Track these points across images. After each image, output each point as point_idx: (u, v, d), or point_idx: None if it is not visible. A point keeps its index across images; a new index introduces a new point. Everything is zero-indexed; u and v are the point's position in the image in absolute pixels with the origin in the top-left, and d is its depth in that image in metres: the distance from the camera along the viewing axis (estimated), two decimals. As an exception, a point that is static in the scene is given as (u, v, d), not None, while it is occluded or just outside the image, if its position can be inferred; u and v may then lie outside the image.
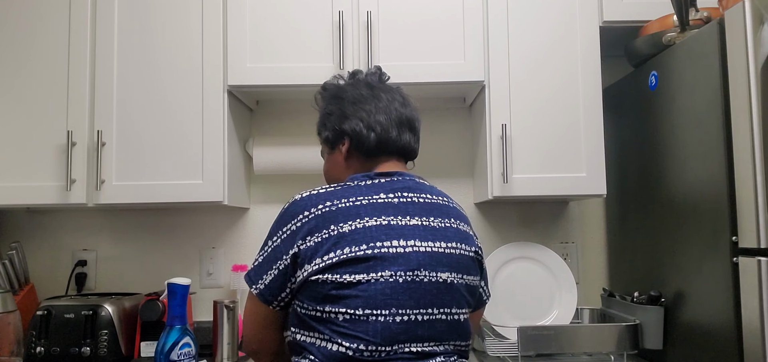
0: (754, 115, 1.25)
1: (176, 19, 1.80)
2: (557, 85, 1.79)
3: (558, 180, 1.77)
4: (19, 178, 1.77)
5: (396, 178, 1.17)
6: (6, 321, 1.55)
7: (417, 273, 1.05)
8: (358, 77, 1.28)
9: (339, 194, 1.11)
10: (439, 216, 1.13)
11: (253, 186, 2.12)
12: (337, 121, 1.22)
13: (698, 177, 1.45)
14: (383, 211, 1.09)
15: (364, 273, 1.03)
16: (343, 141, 1.22)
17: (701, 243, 1.44)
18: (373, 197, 1.11)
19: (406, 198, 1.13)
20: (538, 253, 1.92)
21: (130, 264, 2.09)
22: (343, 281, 1.03)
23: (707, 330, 1.42)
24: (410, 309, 1.04)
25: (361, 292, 1.03)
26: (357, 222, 1.06)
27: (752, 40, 1.26)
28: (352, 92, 1.23)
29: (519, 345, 1.64)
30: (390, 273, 1.04)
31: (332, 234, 1.05)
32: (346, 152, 1.22)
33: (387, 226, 1.07)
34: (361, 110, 1.20)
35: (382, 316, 1.03)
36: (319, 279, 1.04)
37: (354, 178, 1.16)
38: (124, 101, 1.78)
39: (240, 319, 1.92)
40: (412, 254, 1.06)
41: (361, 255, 1.04)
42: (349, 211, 1.08)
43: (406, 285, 1.04)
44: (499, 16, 1.81)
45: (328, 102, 1.26)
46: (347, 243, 1.04)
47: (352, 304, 1.03)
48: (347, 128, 1.21)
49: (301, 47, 1.79)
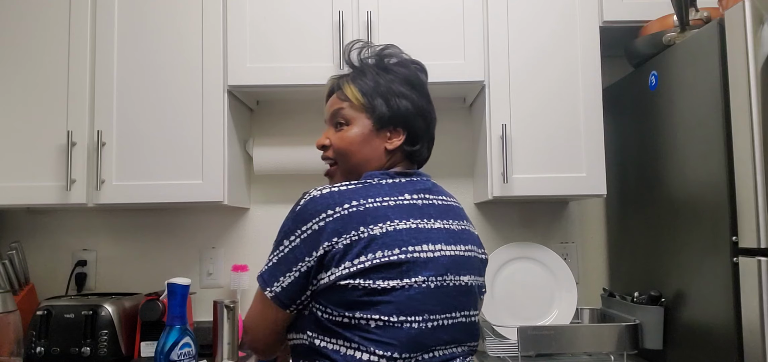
0: (754, 115, 1.25)
1: (176, 19, 1.80)
2: (557, 85, 1.79)
3: (558, 180, 1.77)
4: (19, 177, 1.77)
5: (415, 178, 1.11)
6: (6, 321, 1.55)
7: (445, 277, 1.03)
8: (421, 69, 1.19)
9: (362, 192, 1.03)
10: (455, 219, 1.11)
11: (253, 187, 2.12)
12: (405, 109, 1.11)
13: (698, 177, 1.45)
14: (410, 214, 1.04)
15: (397, 279, 0.98)
16: (398, 131, 1.12)
17: (701, 243, 1.44)
18: (398, 198, 1.05)
19: (428, 201, 1.09)
20: (538, 253, 1.92)
21: (130, 264, 2.09)
22: (377, 287, 0.97)
23: (707, 330, 1.42)
24: (438, 314, 1.02)
25: (394, 298, 0.98)
26: (387, 225, 1.00)
27: (752, 40, 1.26)
28: (425, 91, 1.16)
29: (519, 345, 1.64)
30: (422, 279, 1.00)
31: (362, 237, 0.98)
32: (394, 144, 1.11)
33: (416, 230, 1.03)
34: (428, 113, 1.15)
35: (415, 323, 0.99)
36: (349, 284, 0.97)
37: (373, 176, 1.08)
38: (124, 101, 1.78)
39: (240, 319, 1.92)
40: (440, 258, 1.03)
41: (394, 260, 0.98)
42: (377, 212, 1.01)
43: (437, 290, 1.02)
44: (499, 16, 1.81)
45: (402, 82, 1.13)
46: (379, 247, 0.98)
47: (386, 311, 0.98)
48: (414, 123, 1.12)
49: (301, 47, 1.79)
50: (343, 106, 1.14)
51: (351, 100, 1.13)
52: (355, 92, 1.13)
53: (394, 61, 1.16)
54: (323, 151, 1.17)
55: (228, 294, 2.07)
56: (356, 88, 1.13)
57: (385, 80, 1.12)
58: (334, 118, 1.15)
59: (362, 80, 1.13)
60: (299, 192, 2.11)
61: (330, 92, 1.20)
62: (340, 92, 1.15)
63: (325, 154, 1.17)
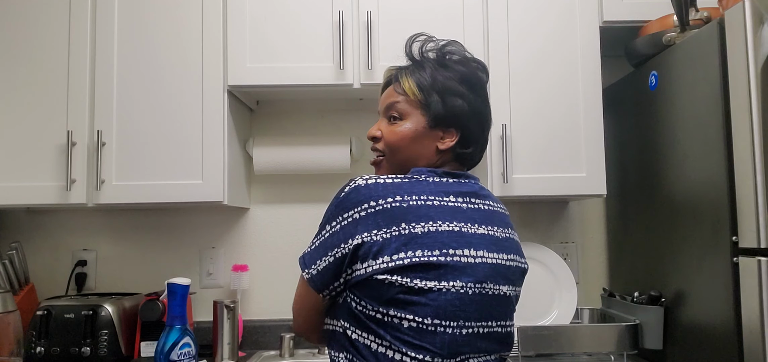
0: (754, 115, 1.25)
1: (176, 19, 1.80)
2: (557, 85, 1.79)
3: (558, 180, 1.77)
4: (19, 178, 1.77)
5: (463, 180, 1.09)
6: (6, 321, 1.55)
7: (484, 285, 1.00)
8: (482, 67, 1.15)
9: (407, 188, 1.01)
10: (500, 226, 1.08)
11: (253, 187, 2.12)
12: (460, 109, 1.08)
13: (698, 177, 1.45)
14: (454, 216, 1.01)
15: (435, 280, 0.96)
16: (451, 131, 1.09)
17: (701, 243, 1.44)
18: (443, 199, 1.02)
19: (473, 205, 1.06)
20: (538, 253, 1.92)
21: (130, 264, 2.09)
22: (414, 286, 0.96)
23: (707, 330, 1.42)
24: (475, 322, 1.00)
25: (431, 301, 0.96)
26: (430, 225, 0.98)
27: (752, 40, 1.26)
28: (481, 93, 1.12)
29: (519, 345, 1.64)
30: (461, 284, 0.98)
31: (403, 233, 0.96)
32: (446, 144, 1.09)
33: (458, 233, 1.00)
34: (484, 116, 1.12)
35: (450, 328, 0.97)
36: (386, 279, 0.96)
37: (421, 172, 1.06)
38: (124, 101, 1.78)
39: (240, 319, 1.92)
40: (480, 265, 1.00)
41: (433, 261, 0.96)
42: (420, 210, 0.99)
43: (474, 298, 0.99)
44: (499, 16, 1.81)
45: (461, 80, 1.09)
46: (419, 246, 0.96)
47: (421, 312, 0.96)
48: (469, 124, 1.09)
49: (301, 47, 1.79)
50: (399, 99, 1.11)
51: (408, 93, 1.10)
52: (412, 86, 1.10)
53: (455, 58, 1.13)
54: (373, 142, 1.14)
55: (228, 294, 2.07)
56: (414, 81, 1.10)
57: (443, 77, 1.09)
58: (389, 110, 1.13)
59: (421, 74, 1.10)
60: (299, 192, 2.11)
61: (387, 83, 1.17)
62: (396, 84, 1.13)
63: (374, 146, 1.15)
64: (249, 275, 2.06)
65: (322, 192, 2.11)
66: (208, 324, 2.02)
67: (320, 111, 2.13)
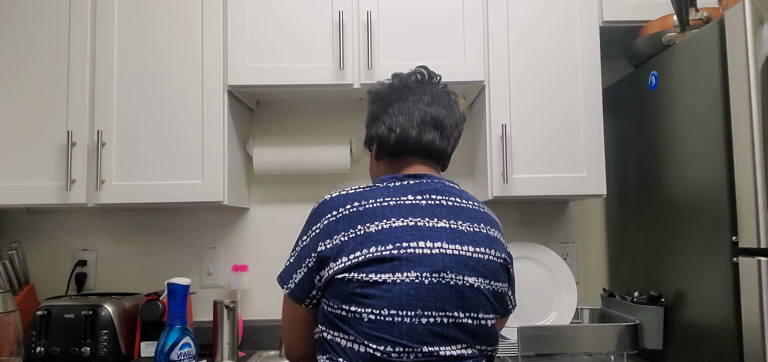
0: (754, 115, 1.25)
1: (176, 19, 1.80)
2: (557, 85, 1.79)
3: (558, 180, 1.77)
4: (19, 178, 1.77)
5: (424, 180, 1.16)
6: (6, 321, 1.55)
7: (443, 275, 1.04)
8: (401, 77, 1.28)
9: (367, 195, 1.11)
10: (467, 220, 1.12)
11: (253, 187, 2.12)
12: (369, 124, 1.26)
13: (698, 177, 1.45)
14: (410, 212, 1.08)
15: (389, 272, 1.02)
16: (372, 143, 1.27)
17: (701, 243, 1.44)
18: (401, 198, 1.11)
19: (433, 201, 1.12)
20: (538, 253, 1.92)
21: (130, 264, 2.09)
22: (369, 280, 1.02)
23: (707, 330, 1.42)
24: (436, 312, 1.03)
25: (385, 292, 1.02)
26: (383, 223, 1.06)
27: (752, 40, 1.26)
28: (385, 94, 1.25)
29: (519, 345, 1.64)
30: (415, 274, 1.03)
31: (359, 234, 1.05)
32: (375, 154, 1.26)
33: (413, 227, 1.06)
34: (385, 113, 1.22)
35: (408, 318, 1.02)
36: (344, 277, 1.04)
37: (383, 180, 1.17)
38: (124, 101, 1.78)
39: (240, 319, 1.92)
40: (437, 256, 1.05)
41: (386, 254, 1.03)
42: (375, 212, 1.08)
43: (432, 287, 1.03)
44: (499, 16, 1.81)
45: (370, 104, 1.28)
46: (373, 243, 1.04)
47: (377, 304, 1.02)
48: (373, 131, 1.24)
49: (301, 47, 1.79)
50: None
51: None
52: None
53: (369, 94, 1.30)
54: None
55: (228, 294, 2.07)
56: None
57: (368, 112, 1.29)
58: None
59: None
60: (299, 192, 2.11)
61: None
62: None
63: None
64: (249, 275, 2.06)
65: (322, 193, 2.11)
66: (208, 324, 2.02)
67: (320, 111, 2.13)
